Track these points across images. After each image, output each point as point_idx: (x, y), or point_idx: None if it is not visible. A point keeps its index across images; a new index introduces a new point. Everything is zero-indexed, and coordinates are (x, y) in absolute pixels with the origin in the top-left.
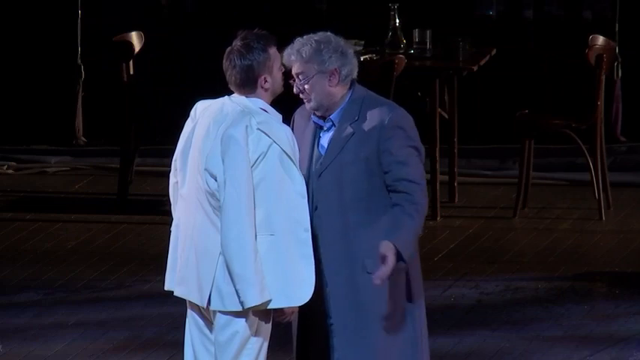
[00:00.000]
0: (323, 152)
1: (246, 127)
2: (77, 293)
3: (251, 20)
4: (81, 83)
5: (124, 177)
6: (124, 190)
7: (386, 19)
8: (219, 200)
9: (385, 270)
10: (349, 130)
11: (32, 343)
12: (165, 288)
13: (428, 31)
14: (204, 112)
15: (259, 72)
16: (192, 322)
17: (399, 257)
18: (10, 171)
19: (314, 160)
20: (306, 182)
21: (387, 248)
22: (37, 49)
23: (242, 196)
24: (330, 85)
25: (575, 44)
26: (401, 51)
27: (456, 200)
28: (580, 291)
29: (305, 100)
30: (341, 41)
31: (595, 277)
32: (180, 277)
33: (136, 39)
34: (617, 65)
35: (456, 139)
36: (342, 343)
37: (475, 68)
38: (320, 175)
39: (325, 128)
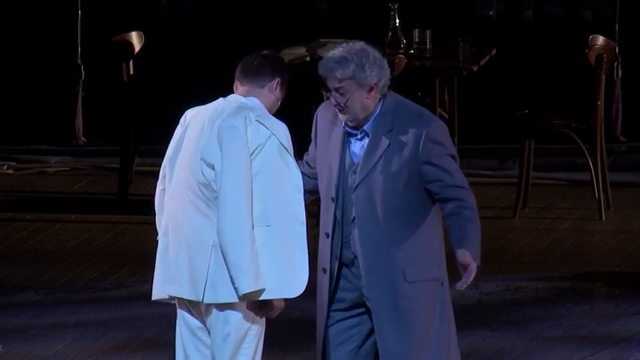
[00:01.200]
0: (355, 159)
1: (245, 118)
2: (77, 293)
3: (251, 20)
4: (81, 83)
5: (124, 177)
6: (124, 190)
7: (386, 19)
8: (214, 191)
9: (470, 277)
10: (385, 141)
11: (32, 343)
12: (153, 298)
13: (428, 31)
14: (195, 116)
15: (277, 74)
16: (183, 324)
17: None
18: (10, 171)
19: (346, 166)
20: (335, 187)
21: (466, 257)
22: (37, 49)
23: (241, 183)
24: (367, 98)
25: (575, 44)
26: (401, 51)
27: None
28: (580, 291)
29: (340, 113)
30: (377, 52)
31: (595, 277)
32: (171, 275)
33: (136, 39)
34: (617, 65)
35: (456, 139)
36: (384, 352)
37: (475, 68)
38: (356, 187)
39: (358, 137)
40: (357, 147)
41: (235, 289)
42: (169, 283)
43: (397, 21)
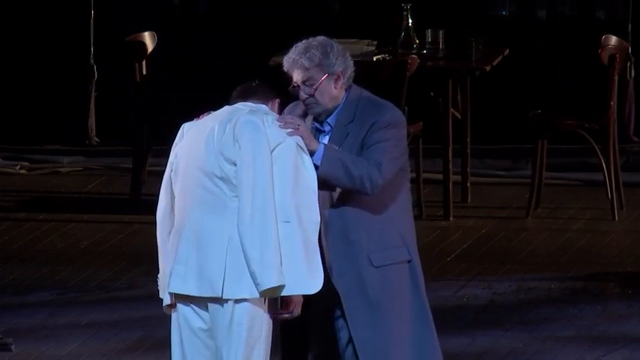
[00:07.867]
0: None
1: (263, 118)
2: (90, 293)
3: (263, 20)
4: (94, 83)
5: (137, 177)
6: (136, 190)
7: (399, 19)
8: (234, 186)
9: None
10: (344, 132)
11: (45, 343)
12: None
13: (441, 31)
14: (197, 124)
15: (276, 97)
16: (185, 325)
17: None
18: (23, 171)
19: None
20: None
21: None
22: (50, 50)
23: (266, 179)
24: (335, 88)
25: (588, 44)
26: (414, 51)
27: (469, 200)
28: (593, 291)
29: (309, 108)
30: (339, 45)
31: (608, 277)
32: (180, 273)
33: (148, 39)
34: (630, 65)
35: (468, 139)
36: (358, 339)
37: (488, 68)
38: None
39: (325, 132)
40: (325, 141)
41: (257, 284)
42: (178, 281)
43: (410, 21)
